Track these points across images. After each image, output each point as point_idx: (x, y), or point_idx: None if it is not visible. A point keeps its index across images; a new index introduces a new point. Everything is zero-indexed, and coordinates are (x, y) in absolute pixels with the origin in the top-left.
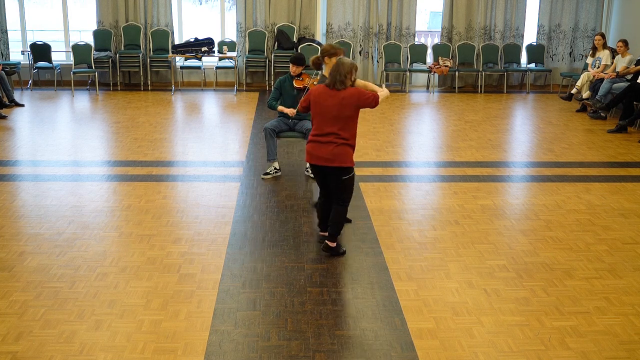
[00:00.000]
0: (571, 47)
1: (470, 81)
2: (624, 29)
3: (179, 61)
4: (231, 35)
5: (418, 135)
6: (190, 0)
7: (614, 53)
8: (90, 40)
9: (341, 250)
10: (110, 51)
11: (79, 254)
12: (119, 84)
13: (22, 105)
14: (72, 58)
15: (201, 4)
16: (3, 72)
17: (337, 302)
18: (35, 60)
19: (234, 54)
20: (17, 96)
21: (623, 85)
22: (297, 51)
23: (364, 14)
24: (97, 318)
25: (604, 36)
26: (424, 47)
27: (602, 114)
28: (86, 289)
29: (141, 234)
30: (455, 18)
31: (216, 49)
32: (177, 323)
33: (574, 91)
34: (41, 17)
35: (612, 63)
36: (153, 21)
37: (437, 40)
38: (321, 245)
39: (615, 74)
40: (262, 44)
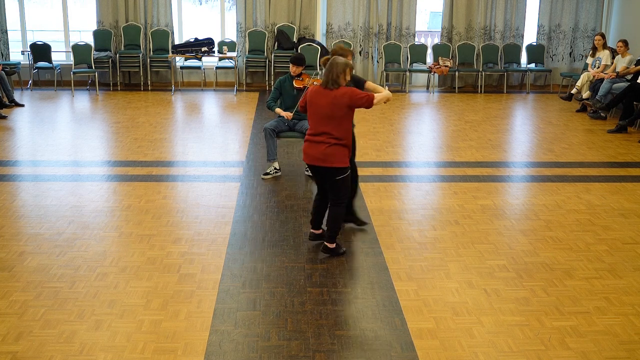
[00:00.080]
0: (571, 47)
1: (470, 81)
2: (624, 29)
3: (179, 61)
4: (231, 35)
5: (418, 136)
6: (190, 0)
7: (614, 53)
8: (90, 40)
9: (341, 251)
10: (110, 51)
11: (79, 254)
12: (119, 84)
13: (22, 106)
14: (72, 58)
15: (201, 4)
16: (3, 72)
17: (337, 302)
18: (35, 60)
19: (234, 54)
20: (17, 96)
21: (623, 85)
22: (297, 51)
23: (364, 14)
24: (97, 318)
25: (604, 36)
26: (424, 47)
27: (602, 114)
28: (86, 289)
29: (141, 234)
30: (455, 18)
31: (216, 49)
32: (177, 323)
33: (574, 91)
34: (41, 17)
35: (612, 63)
36: (153, 21)
37: (437, 41)
38: (313, 243)
39: (615, 74)
40: (262, 44)
